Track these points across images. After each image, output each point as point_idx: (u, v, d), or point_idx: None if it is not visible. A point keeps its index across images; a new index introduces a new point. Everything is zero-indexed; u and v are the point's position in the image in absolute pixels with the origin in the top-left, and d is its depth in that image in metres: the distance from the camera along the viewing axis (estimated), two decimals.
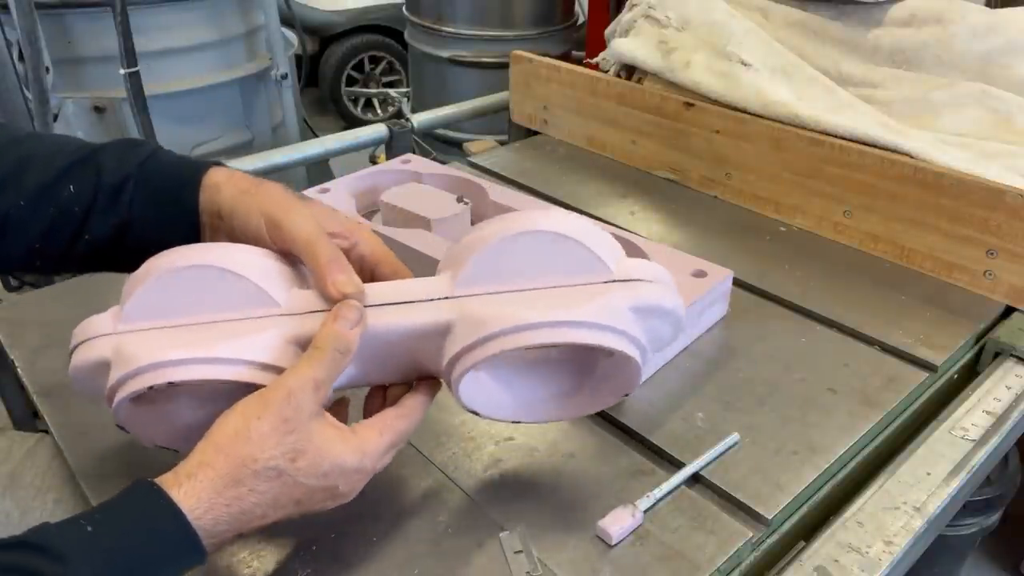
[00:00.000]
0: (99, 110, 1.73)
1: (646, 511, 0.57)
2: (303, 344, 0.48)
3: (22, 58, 1.51)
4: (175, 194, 0.55)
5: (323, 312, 0.49)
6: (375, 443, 0.49)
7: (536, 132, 1.28)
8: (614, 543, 0.55)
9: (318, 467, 0.46)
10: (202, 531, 0.43)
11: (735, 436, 0.63)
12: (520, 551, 0.54)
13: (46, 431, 0.69)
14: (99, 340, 0.49)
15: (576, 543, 0.55)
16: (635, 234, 0.84)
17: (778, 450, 0.63)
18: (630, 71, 1.16)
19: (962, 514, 1.21)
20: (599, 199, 1.05)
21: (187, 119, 1.86)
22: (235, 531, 0.45)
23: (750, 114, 0.98)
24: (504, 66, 1.28)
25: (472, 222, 0.88)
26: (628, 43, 1.14)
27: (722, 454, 0.62)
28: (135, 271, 0.50)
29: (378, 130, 1.31)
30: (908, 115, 0.97)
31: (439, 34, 2.32)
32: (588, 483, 0.60)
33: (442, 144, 2.24)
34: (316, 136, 1.37)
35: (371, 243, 0.55)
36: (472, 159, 1.17)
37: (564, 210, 0.52)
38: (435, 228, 0.84)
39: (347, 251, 0.53)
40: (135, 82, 1.61)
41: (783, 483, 0.60)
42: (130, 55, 1.59)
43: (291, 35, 2.31)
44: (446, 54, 2.32)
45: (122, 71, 1.59)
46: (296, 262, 0.52)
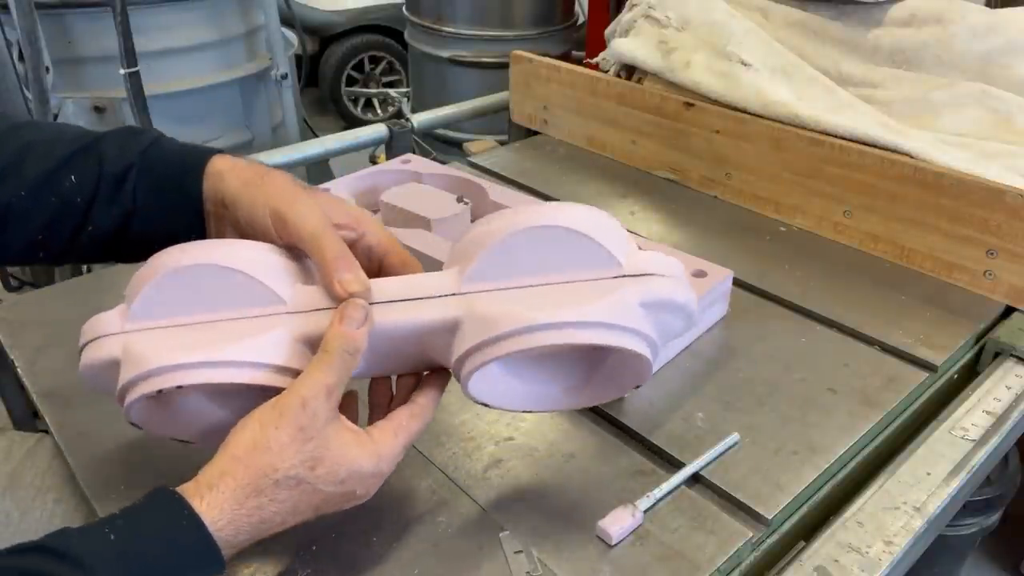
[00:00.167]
0: (99, 110, 1.73)
1: (646, 511, 0.57)
2: (311, 342, 0.48)
3: (22, 58, 1.51)
4: (178, 182, 0.54)
5: (330, 309, 0.49)
6: (391, 445, 0.49)
7: (536, 132, 1.28)
8: (614, 543, 0.55)
9: (336, 474, 0.46)
10: (222, 542, 0.43)
11: (735, 436, 0.63)
12: (520, 551, 0.54)
13: (46, 431, 0.69)
14: (108, 339, 0.49)
15: (576, 543, 0.55)
16: (635, 234, 0.84)
17: (778, 450, 0.63)
18: (630, 71, 1.16)
19: (962, 514, 1.21)
20: (599, 199, 1.05)
21: (187, 119, 1.86)
22: (254, 539, 0.45)
23: (750, 114, 0.98)
24: (504, 66, 1.28)
25: (472, 222, 0.88)
26: (628, 43, 1.14)
27: (722, 454, 0.62)
28: (141, 267, 0.50)
29: (378, 130, 1.31)
30: (908, 115, 0.97)
31: (439, 34, 2.32)
32: (588, 483, 0.60)
33: (442, 144, 2.24)
34: (316, 136, 1.37)
35: (378, 233, 0.54)
36: (472, 159, 1.17)
37: (573, 203, 0.51)
38: (435, 228, 0.84)
39: (354, 242, 0.53)
40: (135, 82, 1.61)
41: (783, 483, 0.60)
42: (130, 55, 1.59)
43: (291, 35, 2.31)
44: (446, 54, 2.32)
45: (122, 71, 1.59)
46: (302, 256, 0.52)
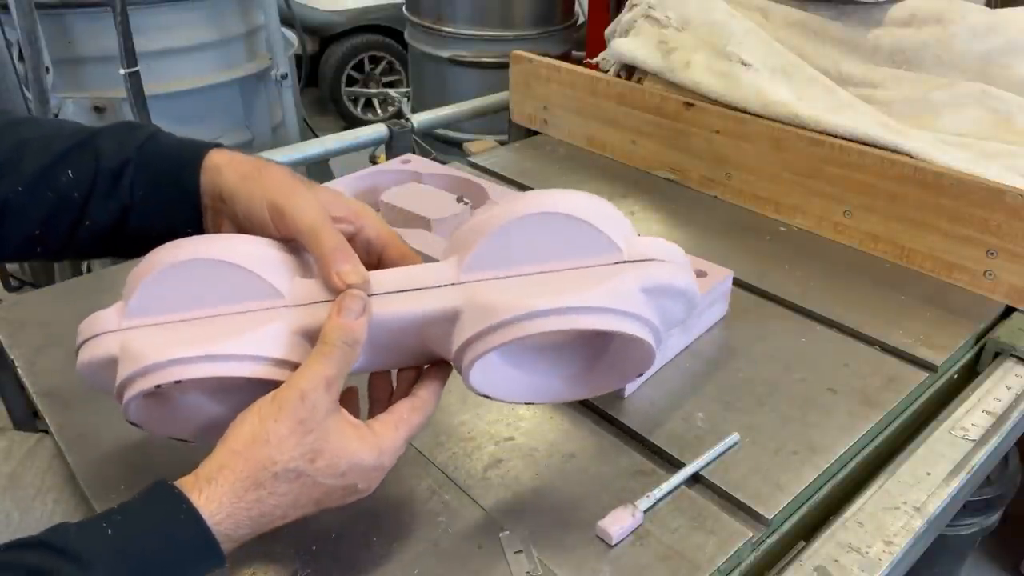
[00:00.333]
0: (99, 110, 1.73)
1: (646, 511, 0.57)
2: (310, 335, 0.48)
3: (22, 58, 1.51)
4: (175, 177, 0.54)
5: (328, 302, 0.48)
6: (392, 439, 0.48)
7: (536, 132, 1.28)
8: (614, 543, 0.55)
9: (336, 467, 0.46)
10: (222, 535, 0.43)
11: (735, 436, 0.63)
12: (520, 551, 0.54)
13: (46, 431, 0.69)
14: (105, 337, 0.49)
15: (576, 543, 0.55)
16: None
17: (778, 450, 0.63)
18: (630, 71, 1.16)
19: (962, 514, 1.21)
20: None
21: (187, 119, 1.86)
22: (255, 533, 0.45)
23: (750, 114, 0.98)
24: (504, 66, 1.28)
25: None
26: (628, 43, 1.14)
27: (722, 454, 0.62)
28: (138, 264, 0.50)
29: (378, 130, 1.31)
30: (908, 115, 0.97)
31: (439, 34, 2.32)
32: (588, 483, 0.60)
33: (442, 144, 2.24)
34: (316, 136, 1.37)
35: (377, 226, 0.54)
36: (472, 159, 1.17)
37: (572, 190, 0.50)
38: (435, 228, 0.84)
39: (353, 235, 0.52)
40: (135, 82, 1.61)
41: (783, 483, 0.60)
42: (130, 55, 1.59)
43: (291, 35, 2.31)
44: (446, 54, 2.32)
45: (122, 71, 1.59)
46: (300, 249, 0.52)
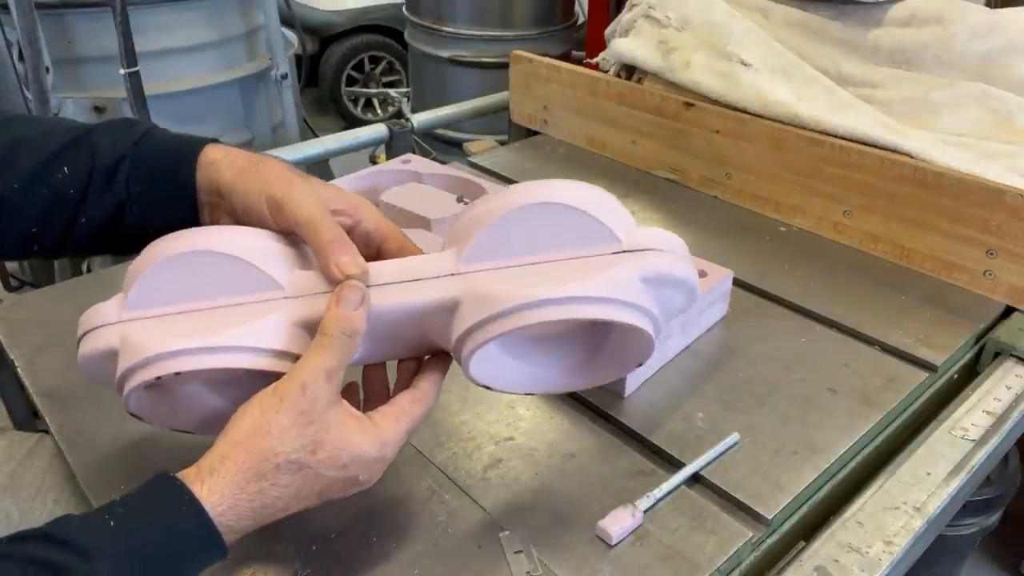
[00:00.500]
0: (99, 110, 1.73)
1: (646, 511, 0.57)
2: (309, 326, 0.48)
3: (22, 58, 1.51)
4: (172, 173, 0.54)
5: (327, 293, 0.48)
6: (393, 430, 0.48)
7: (536, 132, 1.28)
8: (614, 543, 0.55)
9: (338, 459, 0.46)
10: (224, 527, 0.43)
11: (735, 436, 0.63)
12: (520, 551, 0.54)
13: (46, 431, 0.69)
14: (105, 329, 0.49)
15: (576, 543, 0.55)
16: None
17: (778, 450, 0.63)
18: (630, 71, 1.16)
19: (962, 514, 1.21)
20: None
21: (187, 119, 1.86)
22: (257, 524, 0.45)
23: (750, 114, 0.98)
24: (504, 66, 1.28)
25: None
26: (628, 43, 1.14)
27: (722, 454, 0.62)
28: (137, 257, 0.50)
29: (378, 130, 1.31)
30: (908, 115, 0.97)
31: (439, 34, 2.32)
32: (588, 483, 0.60)
33: (442, 144, 2.24)
34: (316, 136, 1.37)
35: (375, 219, 0.54)
36: (472, 159, 1.17)
37: (571, 180, 0.50)
38: (435, 228, 0.84)
39: (351, 229, 0.52)
40: (135, 82, 1.61)
41: (783, 483, 0.60)
42: (130, 55, 1.59)
43: (291, 35, 2.31)
44: (446, 54, 2.32)
45: (122, 71, 1.59)
46: (299, 242, 0.52)
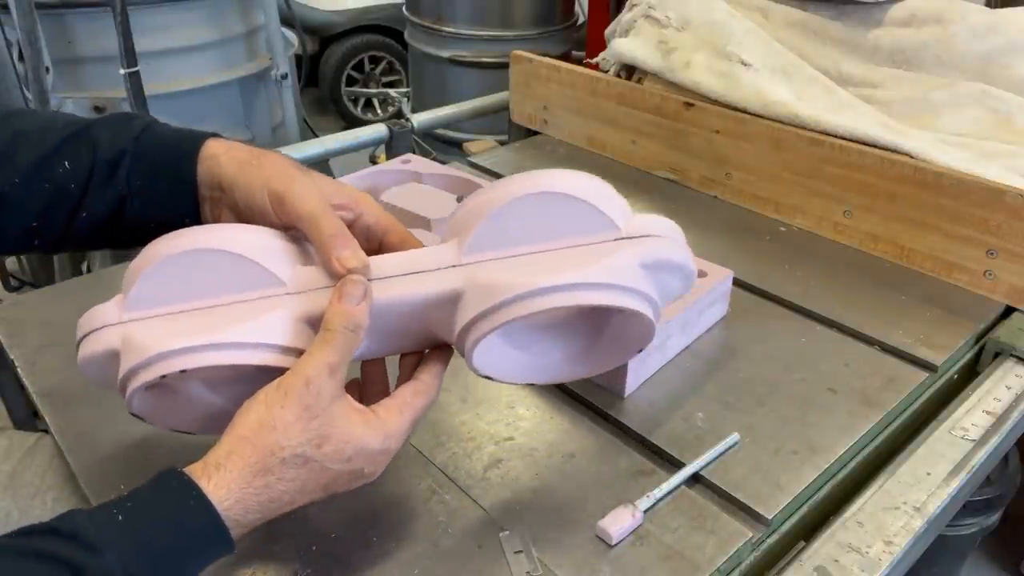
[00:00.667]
0: (99, 110, 1.73)
1: (646, 511, 0.57)
2: (312, 322, 0.48)
3: (22, 58, 1.51)
4: (172, 167, 0.54)
5: (330, 288, 0.48)
6: (397, 423, 0.48)
7: (536, 132, 1.28)
8: (614, 543, 0.55)
9: (343, 452, 0.46)
10: (231, 521, 0.43)
11: (735, 436, 0.63)
12: (520, 551, 0.54)
13: (46, 431, 0.69)
14: (106, 330, 0.49)
15: (576, 543, 0.55)
16: None
17: (778, 450, 0.63)
18: (630, 71, 1.16)
19: (962, 514, 1.21)
20: None
21: (187, 119, 1.84)
22: (264, 518, 0.45)
23: (750, 114, 0.98)
24: (504, 66, 1.28)
25: None
26: (628, 43, 1.14)
27: (722, 454, 0.62)
28: (136, 256, 0.50)
29: (378, 130, 1.31)
30: (908, 115, 0.97)
31: (439, 34, 2.32)
32: (588, 483, 0.60)
33: (442, 144, 2.24)
34: (316, 136, 1.37)
35: (376, 212, 0.54)
36: (472, 159, 1.17)
37: (568, 169, 0.51)
38: (435, 228, 0.84)
39: (352, 222, 0.52)
40: (135, 82, 1.61)
41: (783, 483, 0.60)
42: (130, 55, 1.58)
43: (291, 35, 2.31)
44: (446, 54, 2.32)
45: (122, 71, 1.59)
46: (301, 237, 0.52)
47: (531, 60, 1.23)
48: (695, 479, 0.61)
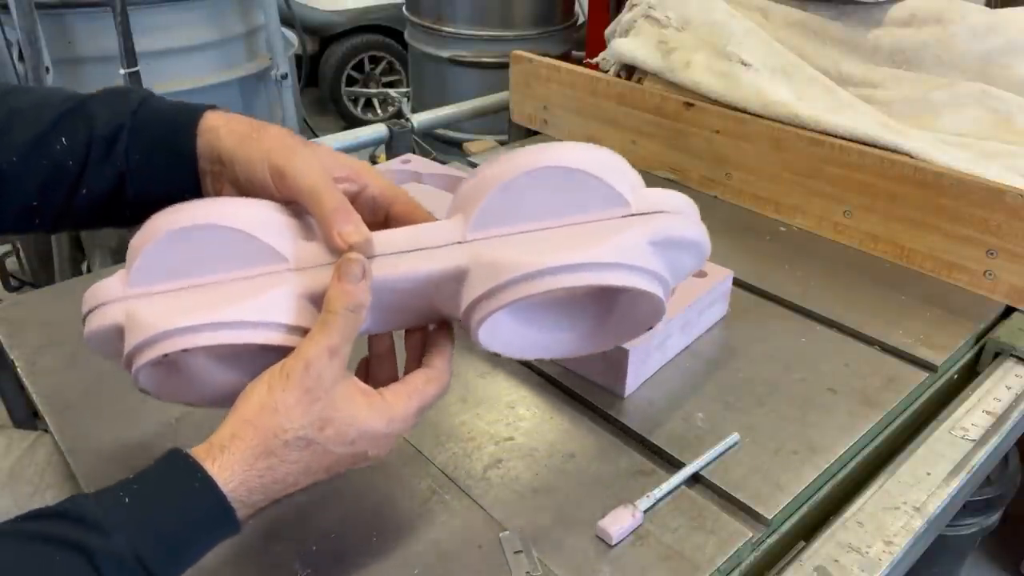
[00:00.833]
0: None
1: (646, 511, 0.57)
2: (315, 299, 0.47)
3: (22, 58, 1.51)
4: (170, 141, 0.53)
5: (332, 264, 0.47)
6: (403, 407, 0.48)
7: (536, 132, 1.28)
8: (614, 543, 0.55)
9: (346, 435, 0.46)
10: (236, 502, 0.43)
11: (735, 436, 0.63)
12: (520, 551, 0.54)
13: (46, 431, 0.69)
14: (110, 306, 0.48)
15: (576, 543, 0.55)
16: None
17: (778, 450, 0.63)
18: (630, 71, 1.16)
19: (962, 514, 1.21)
20: None
21: None
22: (269, 499, 0.45)
23: (750, 114, 0.98)
24: (504, 66, 1.28)
25: None
26: (628, 43, 1.14)
27: (722, 454, 0.62)
28: (139, 230, 0.49)
29: (378, 130, 1.31)
30: (908, 115, 0.97)
31: (439, 34, 2.32)
32: (588, 483, 0.60)
33: (442, 144, 2.24)
34: (316, 136, 1.37)
35: (380, 183, 0.53)
36: (472, 159, 1.17)
37: (576, 142, 0.49)
38: None
39: (356, 195, 0.52)
40: (135, 82, 1.61)
41: (783, 483, 0.60)
42: (130, 55, 1.59)
43: (291, 35, 2.31)
44: (446, 54, 2.32)
45: (122, 71, 1.59)
46: (303, 211, 0.51)
47: (531, 60, 1.23)
48: (695, 479, 0.61)
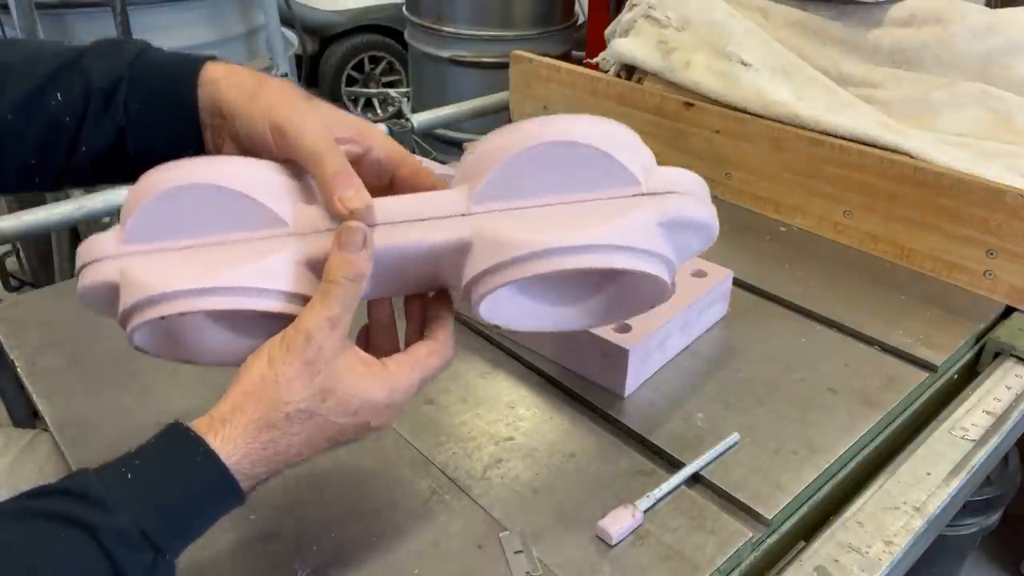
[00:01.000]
0: None
1: (646, 511, 0.57)
2: (314, 265, 0.47)
3: None
4: (170, 92, 0.51)
5: (332, 231, 0.46)
6: (406, 378, 0.48)
7: None
8: (614, 543, 0.55)
9: (348, 405, 0.45)
10: (240, 474, 0.43)
11: (735, 436, 0.63)
12: (520, 551, 0.54)
13: (45, 430, 0.69)
14: (104, 262, 0.47)
15: (576, 543, 0.55)
16: None
17: (778, 450, 0.63)
18: (630, 71, 1.16)
19: (962, 514, 1.21)
20: None
21: None
22: (272, 471, 0.45)
23: (750, 114, 0.98)
24: (504, 66, 1.28)
25: None
26: (628, 43, 1.14)
27: (722, 454, 0.62)
28: (134, 186, 0.48)
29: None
30: (908, 115, 0.97)
31: (439, 34, 2.32)
32: (588, 483, 0.60)
33: (442, 144, 2.24)
34: None
35: (386, 146, 0.51)
36: None
37: (589, 116, 0.47)
38: None
39: (360, 157, 0.50)
40: None
41: (783, 483, 0.60)
42: None
43: (291, 35, 2.31)
44: (446, 54, 2.32)
45: None
46: (304, 172, 0.49)
47: (531, 60, 1.23)
48: (695, 479, 0.61)
